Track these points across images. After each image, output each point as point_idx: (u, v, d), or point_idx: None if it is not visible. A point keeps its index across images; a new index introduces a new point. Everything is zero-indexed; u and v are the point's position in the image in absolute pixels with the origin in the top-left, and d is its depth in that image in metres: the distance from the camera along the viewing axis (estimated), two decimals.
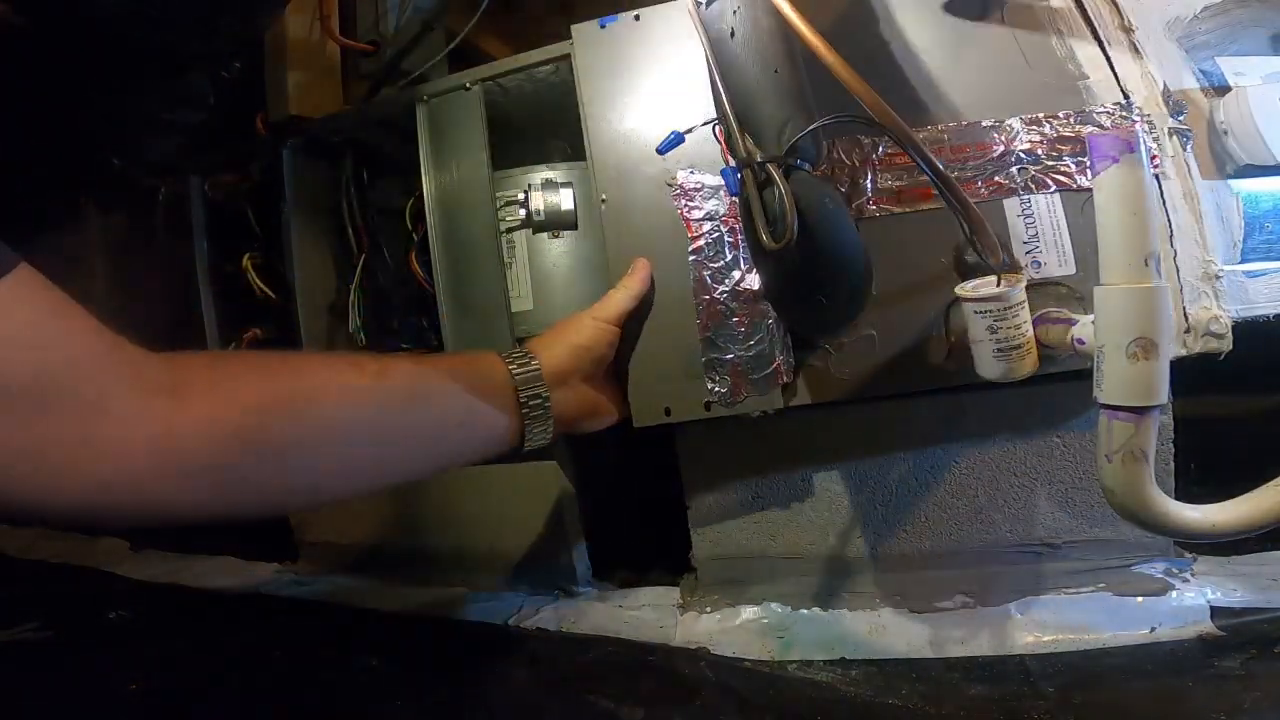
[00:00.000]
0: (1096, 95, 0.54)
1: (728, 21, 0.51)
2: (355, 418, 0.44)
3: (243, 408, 0.39)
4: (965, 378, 0.52)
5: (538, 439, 0.53)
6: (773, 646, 0.58)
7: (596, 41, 0.61)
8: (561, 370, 0.54)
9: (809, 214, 0.45)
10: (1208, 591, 0.54)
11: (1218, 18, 0.56)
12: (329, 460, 0.43)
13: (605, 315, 0.56)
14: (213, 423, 0.38)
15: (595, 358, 0.56)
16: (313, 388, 0.43)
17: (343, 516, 0.82)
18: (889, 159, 0.55)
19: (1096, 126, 0.53)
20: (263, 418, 0.40)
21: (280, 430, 0.41)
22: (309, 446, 0.42)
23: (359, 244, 0.77)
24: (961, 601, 0.59)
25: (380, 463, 0.46)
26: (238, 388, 0.40)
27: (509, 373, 0.52)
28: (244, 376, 0.41)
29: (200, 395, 0.38)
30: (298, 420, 0.41)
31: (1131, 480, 0.38)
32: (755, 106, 0.49)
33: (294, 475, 0.42)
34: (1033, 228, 0.52)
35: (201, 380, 0.39)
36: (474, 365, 0.52)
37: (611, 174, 0.60)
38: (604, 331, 0.56)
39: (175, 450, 0.36)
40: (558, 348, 0.55)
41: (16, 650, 0.70)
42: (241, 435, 0.39)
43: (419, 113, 0.69)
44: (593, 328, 0.56)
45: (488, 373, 0.51)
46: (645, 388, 0.58)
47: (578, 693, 0.54)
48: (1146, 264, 0.37)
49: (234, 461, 0.39)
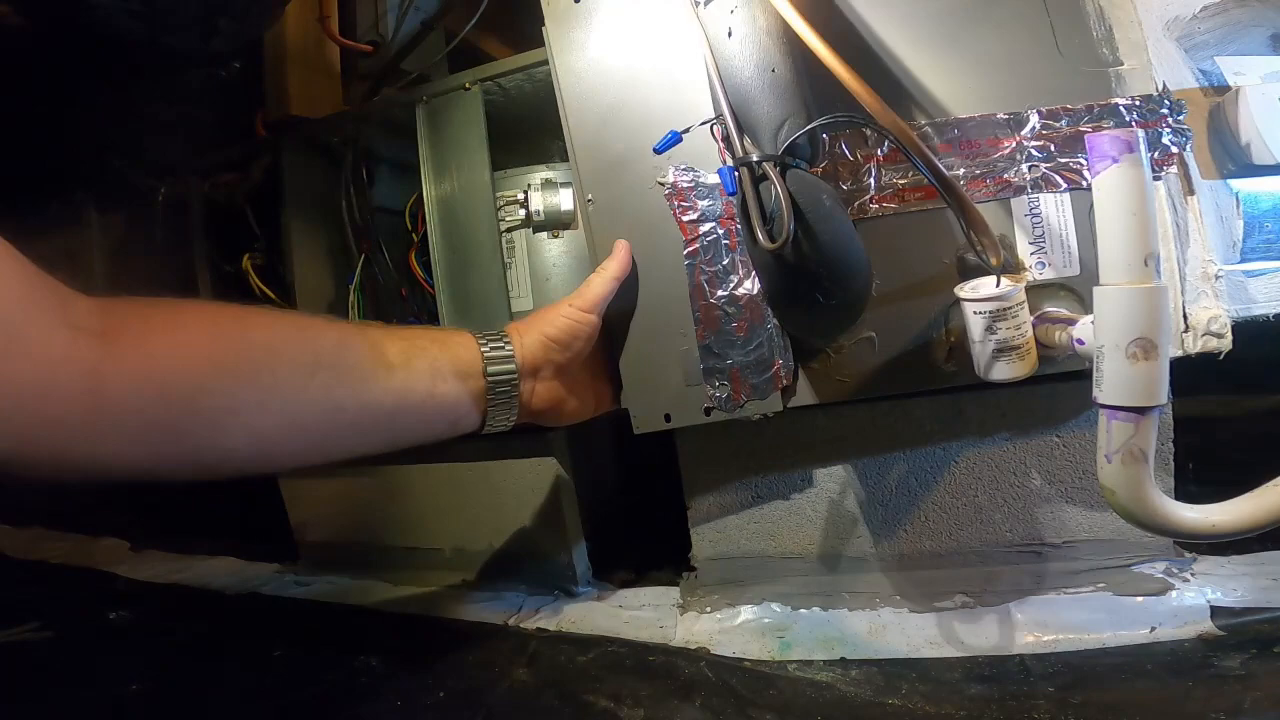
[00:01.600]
0: (1128, 85, 0.51)
1: (726, 20, 0.51)
2: (303, 388, 0.41)
3: (180, 360, 0.37)
4: (965, 378, 0.52)
5: (498, 425, 0.52)
6: (773, 646, 0.58)
7: (572, 19, 0.57)
8: (533, 361, 0.53)
9: (806, 213, 0.45)
10: (1208, 591, 0.54)
11: (1217, 17, 0.56)
12: (274, 428, 0.41)
13: (582, 304, 0.54)
14: (145, 374, 0.35)
15: (569, 351, 0.54)
16: (263, 348, 0.41)
17: (343, 516, 0.82)
18: (893, 155, 0.55)
19: (1118, 122, 0.51)
20: (202, 375, 0.37)
21: (221, 390, 0.38)
22: (252, 411, 0.39)
23: (359, 244, 0.77)
24: (961, 601, 0.59)
25: (330, 435, 0.44)
26: (177, 339, 0.37)
27: (480, 354, 0.50)
28: (186, 328, 0.38)
29: (133, 342, 0.36)
30: (241, 382, 0.39)
31: (1131, 480, 0.38)
32: (753, 105, 0.48)
33: (233, 439, 0.39)
34: (1039, 228, 0.52)
35: (137, 326, 0.36)
36: (446, 342, 0.50)
37: (597, 171, 0.57)
38: (580, 323, 0.54)
39: (101, 398, 0.34)
40: (530, 337, 0.53)
41: (17, 650, 0.70)
42: (176, 390, 0.36)
43: (419, 113, 0.69)
44: (567, 319, 0.54)
45: (459, 351, 0.50)
46: (644, 394, 0.58)
47: (578, 693, 0.54)
48: (1146, 264, 0.37)
49: (166, 418, 0.36)
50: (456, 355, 0.50)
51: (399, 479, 0.77)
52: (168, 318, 0.39)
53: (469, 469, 0.73)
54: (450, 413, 0.49)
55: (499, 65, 0.67)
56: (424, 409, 0.48)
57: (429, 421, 0.49)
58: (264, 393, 0.40)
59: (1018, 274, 0.49)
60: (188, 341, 0.38)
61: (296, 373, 0.42)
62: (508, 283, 0.68)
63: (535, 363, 0.54)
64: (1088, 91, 0.52)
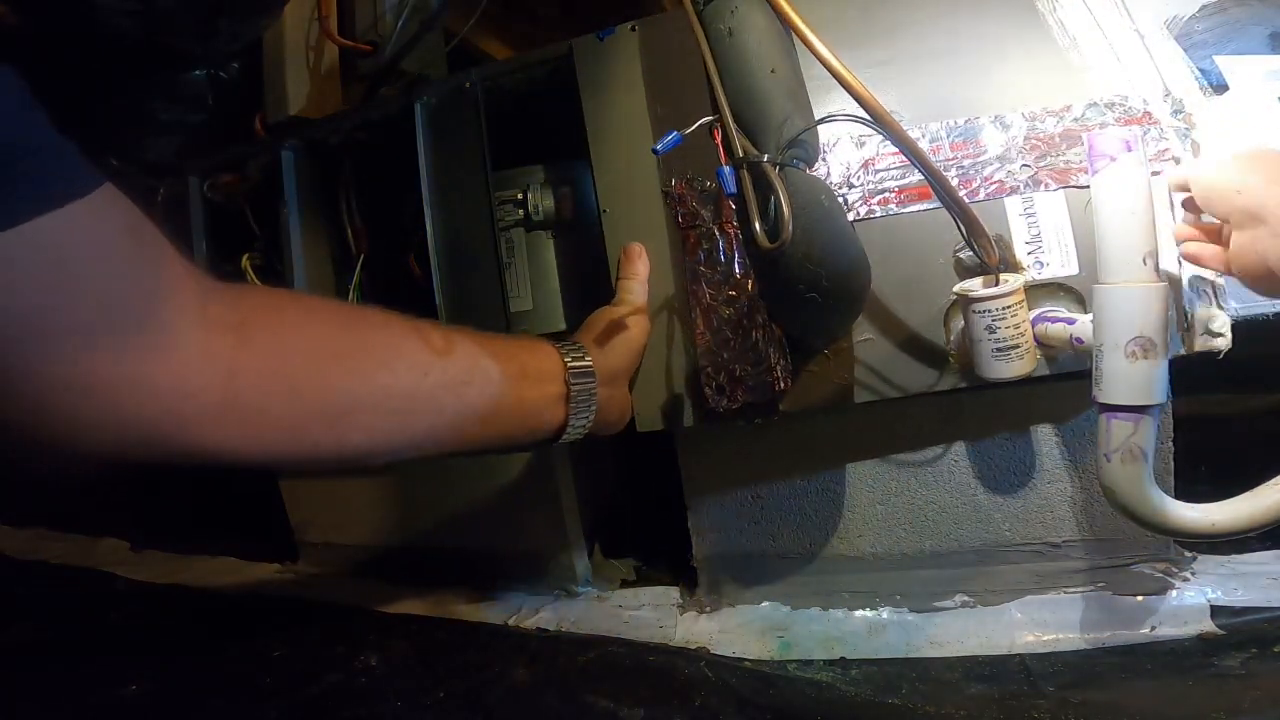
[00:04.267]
0: (1101, 87, 0.53)
1: (725, 21, 0.51)
2: (416, 388, 0.42)
3: (311, 358, 0.37)
4: (965, 378, 0.52)
5: (574, 434, 0.53)
6: (773, 646, 0.58)
7: (596, 55, 0.62)
8: (617, 370, 0.54)
9: (805, 213, 0.45)
10: (1208, 590, 0.54)
11: (1215, 16, 0.56)
12: (386, 427, 0.42)
13: (641, 305, 0.56)
14: (278, 371, 0.36)
15: (639, 357, 0.57)
16: (381, 349, 0.41)
17: (343, 516, 0.82)
18: (885, 158, 0.55)
19: (1101, 120, 0.52)
20: (330, 373, 0.38)
21: (345, 388, 0.39)
22: (369, 410, 0.40)
23: (358, 244, 0.77)
24: (961, 601, 0.59)
25: (430, 436, 0.45)
26: (308, 335, 0.38)
27: (564, 365, 0.51)
28: (315, 324, 0.39)
29: (268, 339, 0.36)
30: (364, 380, 0.40)
31: (1131, 479, 0.38)
32: (752, 106, 0.49)
33: (349, 436, 0.40)
34: (1035, 227, 0.52)
35: (270, 321, 0.36)
36: (533, 353, 0.51)
37: (614, 187, 0.60)
38: (648, 325, 0.57)
39: (233, 395, 0.34)
40: (619, 348, 0.54)
41: (17, 651, 0.70)
42: (305, 388, 0.37)
43: (418, 113, 0.69)
44: (643, 324, 0.56)
45: (542, 363, 0.51)
46: (646, 394, 0.58)
47: (578, 693, 0.54)
48: (1145, 262, 0.37)
49: (291, 414, 0.37)
50: (540, 365, 0.51)
51: (399, 479, 0.77)
52: (298, 314, 0.39)
53: (469, 469, 0.73)
54: (534, 420, 0.50)
55: (498, 65, 0.67)
56: (512, 414, 0.49)
57: (514, 430, 0.50)
58: (382, 392, 0.41)
59: (1015, 273, 0.49)
60: (318, 337, 0.39)
61: (412, 373, 0.42)
62: (506, 282, 0.68)
63: (618, 371, 0.55)
64: (1064, 95, 0.53)
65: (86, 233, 0.29)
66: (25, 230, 0.27)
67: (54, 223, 0.27)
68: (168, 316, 0.32)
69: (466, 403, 0.46)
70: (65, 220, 0.28)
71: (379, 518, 0.79)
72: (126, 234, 0.32)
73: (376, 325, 0.43)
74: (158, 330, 0.32)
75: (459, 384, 0.45)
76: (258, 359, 0.35)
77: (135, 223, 0.32)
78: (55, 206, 0.28)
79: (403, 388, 0.42)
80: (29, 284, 0.28)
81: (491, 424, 0.48)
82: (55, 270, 0.28)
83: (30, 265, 0.27)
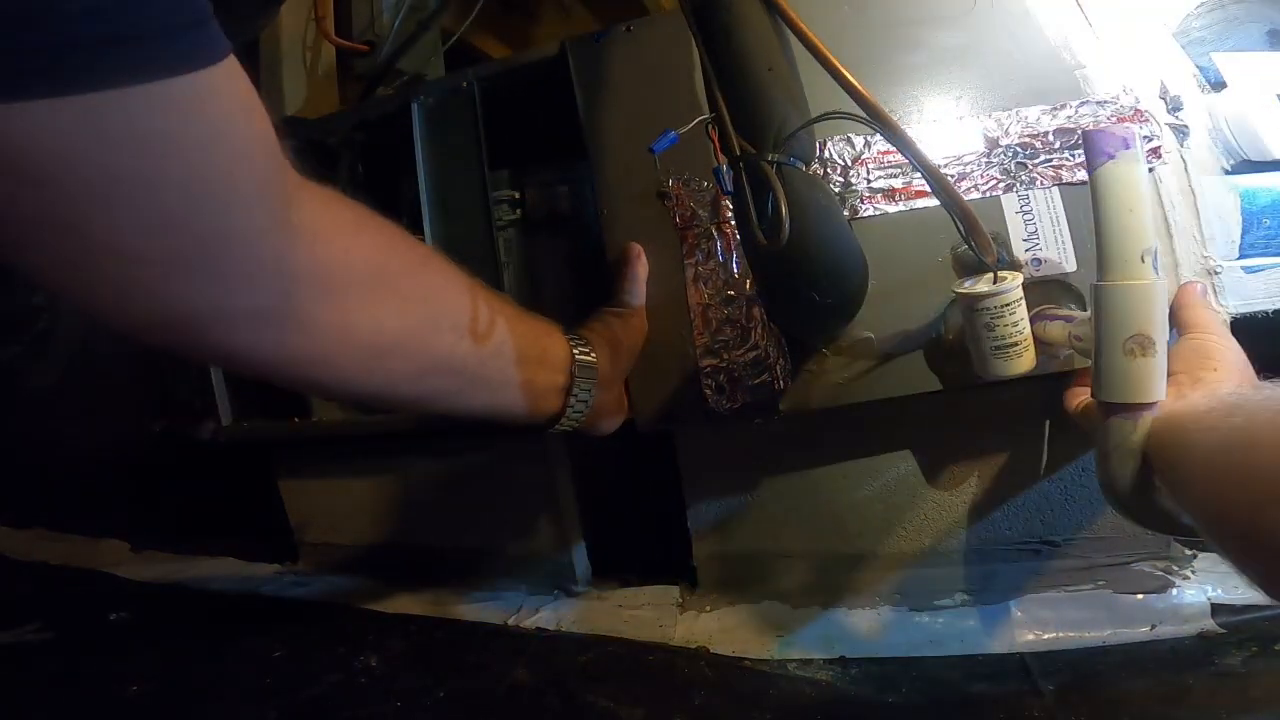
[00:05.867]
0: (1094, 84, 0.53)
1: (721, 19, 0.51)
2: (451, 352, 0.43)
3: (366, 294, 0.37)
4: (964, 377, 0.52)
5: (565, 426, 0.53)
6: (772, 645, 0.58)
7: (592, 57, 0.61)
8: (614, 371, 0.54)
9: (802, 212, 0.45)
10: (1208, 589, 0.54)
11: (1213, 13, 0.56)
12: (407, 373, 0.42)
13: (639, 306, 0.57)
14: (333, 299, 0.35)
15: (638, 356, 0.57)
16: (437, 306, 0.42)
17: (342, 516, 0.82)
18: (881, 157, 0.55)
19: (1094, 117, 0.52)
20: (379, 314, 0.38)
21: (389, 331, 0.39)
22: (400, 358, 0.41)
23: None
24: (961, 599, 0.59)
25: (440, 393, 0.45)
26: (373, 268, 0.38)
27: (572, 356, 0.51)
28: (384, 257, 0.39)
29: (336, 257, 0.36)
30: (408, 334, 0.40)
31: (1130, 477, 0.38)
32: (748, 104, 0.48)
33: (373, 375, 0.40)
34: (1032, 224, 0.52)
35: (346, 244, 0.36)
36: (550, 337, 0.51)
37: (612, 186, 0.60)
38: (646, 326, 0.57)
39: (284, 307, 0.33)
40: (617, 349, 0.54)
41: (18, 651, 0.70)
42: (354, 322, 0.37)
43: (415, 112, 0.69)
44: (641, 325, 0.57)
45: (552, 347, 0.51)
46: (646, 394, 0.58)
47: (577, 692, 0.54)
48: (1143, 260, 0.37)
49: (330, 341, 0.36)
50: (549, 349, 0.51)
51: (399, 478, 0.77)
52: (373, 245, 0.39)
53: (469, 468, 0.73)
54: (532, 403, 0.50)
55: (495, 65, 0.67)
56: (520, 394, 0.49)
57: (513, 407, 0.50)
58: (422, 348, 0.42)
59: (1014, 271, 0.49)
60: (385, 274, 0.39)
61: (453, 335, 0.43)
62: (504, 282, 0.68)
63: (615, 374, 0.55)
64: (1057, 93, 0.53)
65: (213, 103, 0.27)
66: (154, 89, 0.24)
67: (180, 88, 0.25)
68: (255, 217, 0.30)
69: (486, 375, 0.46)
70: (190, 88, 0.25)
71: (378, 518, 0.79)
72: (243, 114, 0.29)
73: (438, 282, 0.43)
74: (241, 229, 0.30)
75: (489, 356, 0.46)
76: (320, 280, 0.35)
77: (253, 102, 0.29)
78: (192, 68, 0.25)
79: (441, 349, 0.43)
80: (134, 149, 0.25)
81: (500, 396, 0.48)
82: (162, 141, 0.26)
83: (144, 128, 0.25)
